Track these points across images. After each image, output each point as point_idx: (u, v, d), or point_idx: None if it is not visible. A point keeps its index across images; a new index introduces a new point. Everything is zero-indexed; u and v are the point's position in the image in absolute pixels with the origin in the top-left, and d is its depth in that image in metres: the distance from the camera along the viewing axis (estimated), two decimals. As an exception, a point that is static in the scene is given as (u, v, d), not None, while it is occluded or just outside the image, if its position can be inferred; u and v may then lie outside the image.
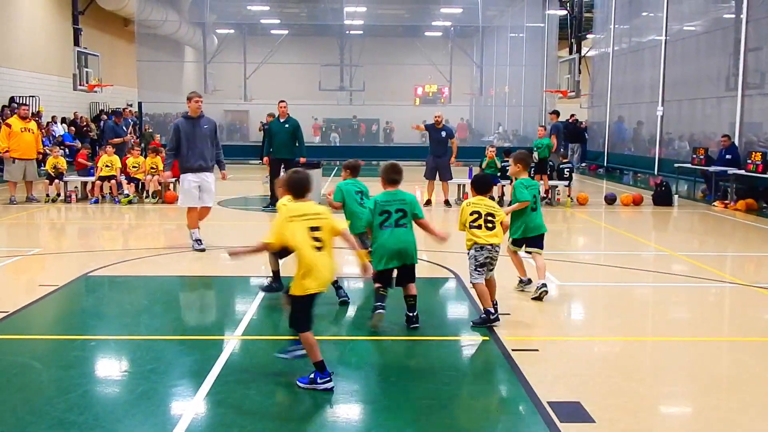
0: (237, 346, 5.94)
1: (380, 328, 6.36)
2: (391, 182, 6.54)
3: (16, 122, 14.99)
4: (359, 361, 5.72)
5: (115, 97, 32.09)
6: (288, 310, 5.20)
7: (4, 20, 25.96)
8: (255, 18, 42.61)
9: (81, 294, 7.93)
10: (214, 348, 5.93)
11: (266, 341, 6.14)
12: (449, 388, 5.10)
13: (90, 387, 5.21)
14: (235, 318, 6.77)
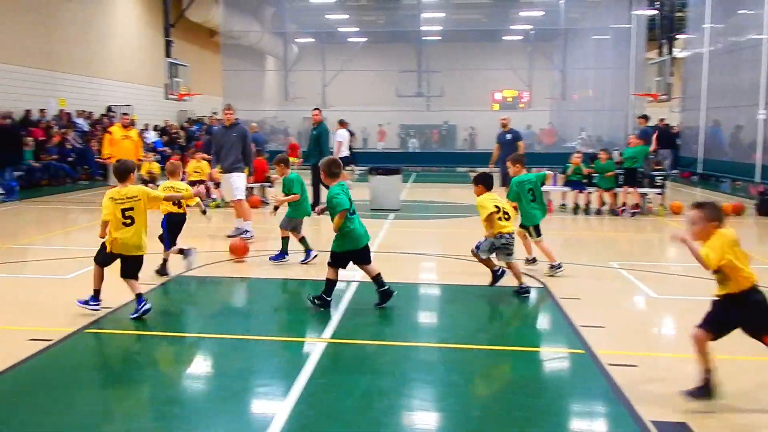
0: (326, 348, 6.04)
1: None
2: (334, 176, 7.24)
3: (118, 130, 15.74)
4: (446, 370, 5.74)
5: (202, 105, 33.11)
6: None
7: (101, 35, 27.21)
8: (333, 26, 43.19)
9: (175, 293, 8.25)
10: (303, 350, 6.08)
11: (354, 345, 6.23)
12: (543, 402, 4.99)
13: (188, 383, 5.45)
14: (323, 321, 6.90)
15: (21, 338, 6.08)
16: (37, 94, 22.81)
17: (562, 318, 7.06)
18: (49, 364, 5.67)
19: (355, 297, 7.80)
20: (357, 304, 7.52)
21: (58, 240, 12.12)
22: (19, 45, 21.99)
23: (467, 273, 9.14)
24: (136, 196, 6.74)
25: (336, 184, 7.18)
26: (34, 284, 8.38)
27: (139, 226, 6.73)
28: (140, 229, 6.75)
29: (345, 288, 8.11)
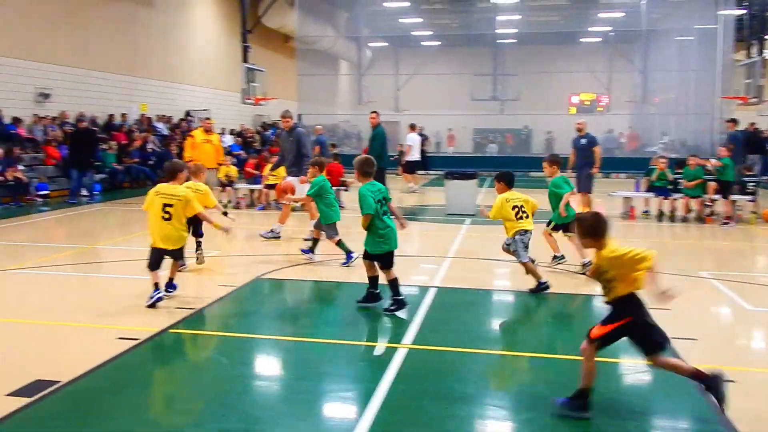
0: (408, 354, 5.96)
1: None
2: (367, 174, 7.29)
3: (199, 134, 16.06)
4: (530, 379, 5.58)
5: (278, 109, 33.57)
6: None
7: (182, 42, 27.97)
8: (407, 30, 43.20)
9: (257, 295, 8.31)
10: (384, 355, 6.00)
11: (435, 351, 6.12)
12: (633, 417, 4.80)
13: (271, 385, 5.45)
14: (403, 326, 6.82)
15: (110, 337, 6.21)
16: (120, 99, 23.58)
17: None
18: (136, 363, 5.77)
19: (434, 303, 7.69)
20: (436, 311, 7.41)
21: (140, 241, 12.35)
22: (105, 52, 22.79)
23: (548, 280, 8.91)
24: (178, 196, 7.20)
25: (367, 183, 7.22)
26: (118, 284, 8.58)
27: (175, 222, 7.16)
28: (176, 225, 7.17)
29: (424, 293, 8.02)
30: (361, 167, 7.33)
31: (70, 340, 6.28)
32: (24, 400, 4.76)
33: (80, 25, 21.51)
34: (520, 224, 7.97)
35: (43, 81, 19.94)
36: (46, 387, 4.98)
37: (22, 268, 9.25)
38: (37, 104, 19.83)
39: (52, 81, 20.26)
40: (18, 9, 19.04)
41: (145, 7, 25.37)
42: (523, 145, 40.39)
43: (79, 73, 21.50)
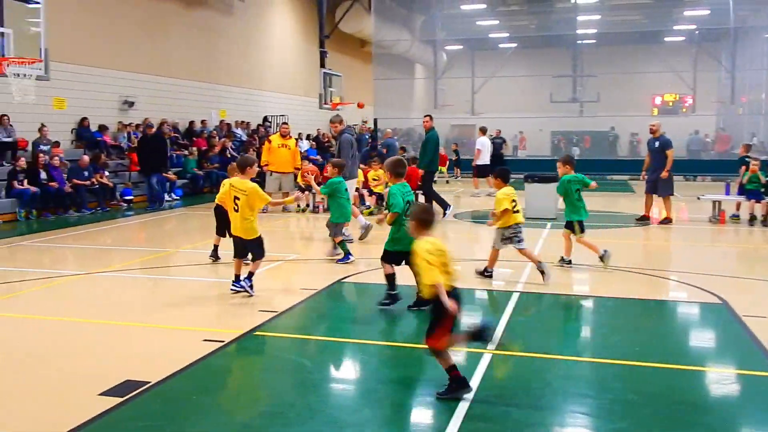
0: (492, 359, 5.83)
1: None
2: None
3: (276, 139, 16.30)
4: (621, 388, 5.36)
5: (354, 114, 33.82)
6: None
7: (261, 49, 28.53)
8: (484, 33, 42.82)
9: (338, 298, 8.33)
10: (468, 360, 5.88)
11: (520, 357, 5.96)
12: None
13: (355, 389, 5.41)
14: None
15: (196, 338, 6.30)
16: (200, 106, 24.20)
17: (747, 337, 6.46)
18: (222, 365, 5.84)
19: (517, 308, 7.53)
20: (520, 316, 7.26)
21: (222, 245, 12.55)
22: (186, 60, 23.43)
23: (632, 285, 8.64)
24: (245, 190, 7.69)
25: (398, 184, 7.53)
26: (201, 286, 8.73)
27: (242, 214, 7.68)
28: (243, 216, 7.67)
29: (506, 298, 7.86)
30: (394, 168, 7.67)
31: (157, 341, 6.41)
32: (115, 400, 4.86)
33: (161, 34, 22.18)
34: (514, 218, 8.66)
35: (127, 89, 20.65)
36: (137, 387, 5.08)
37: (108, 270, 9.54)
38: (122, 112, 20.54)
39: (136, 89, 20.95)
40: (102, 20, 19.73)
41: (224, 15, 25.98)
42: (607, 147, 39.31)
43: (161, 81, 22.16)
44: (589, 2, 35.32)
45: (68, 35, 17.67)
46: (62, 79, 17.28)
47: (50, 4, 11.70)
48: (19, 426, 4.55)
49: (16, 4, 10.91)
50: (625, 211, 16.08)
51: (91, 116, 19.08)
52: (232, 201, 7.74)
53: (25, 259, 10.54)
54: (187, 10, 23.73)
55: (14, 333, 6.65)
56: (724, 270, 9.80)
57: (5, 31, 10.66)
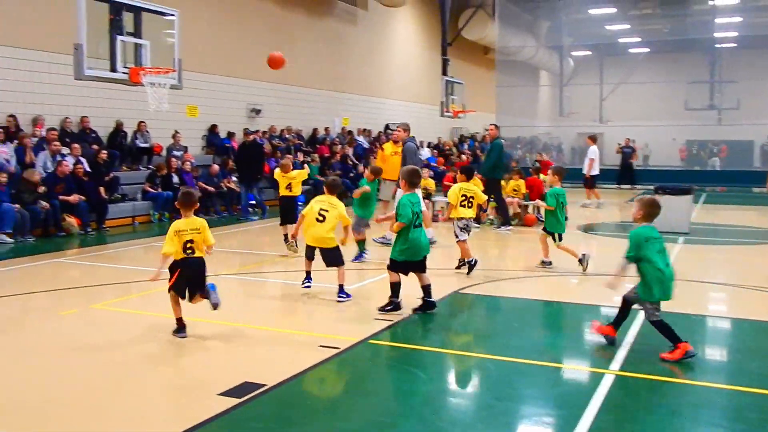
0: (614, 381, 5.54)
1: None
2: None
3: (389, 147, 16.26)
4: (758, 419, 4.93)
5: (475, 122, 33.59)
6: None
7: (383, 57, 28.88)
8: (613, 38, 41.44)
9: (455, 309, 8.20)
10: (588, 380, 5.65)
11: (645, 380, 5.63)
12: None
13: (470, 403, 5.28)
14: (609, 350, 6.36)
15: (313, 344, 6.36)
16: (323, 114, 24.73)
17: None
18: (337, 371, 5.86)
19: (644, 328, 7.11)
20: (647, 336, 6.84)
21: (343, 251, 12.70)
22: (311, 69, 24.01)
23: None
24: (334, 206, 8.21)
25: (408, 194, 7.54)
26: (320, 292, 8.80)
27: (326, 225, 8.13)
28: (327, 227, 8.12)
29: (632, 317, 7.45)
30: (410, 177, 7.72)
31: (275, 344, 6.53)
32: (233, 400, 4.96)
33: (288, 44, 22.80)
34: (461, 212, 9.64)
35: (254, 97, 21.41)
36: (254, 389, 5.16)
37: (231, 273, 9.83)
38: (249, 119, 21.30)
39: (262, 97, 21.67)
40: (232, 32, 20.56)
41: (348, 24, 26.46)
42: (749, 157, 36.76)
43: (287, 90, 22.80)
44: (729, 4, 33.38)
45: (200, 46, 18.51)
46: (194, 87, 18.10)
47: (184, 16, 12.25)
48: (142, 420, 4.72)
49: (152, 17, 11.51)
50: (763, 226, 15.02)
51: (221, 123, 19.92)
52: (317, 213, 8.24)
53: (157, 260, 11.01)
54: (313, 20, 24.36)
55: (143, 331, 6.95)
56: None
57: (143, 43, 11.26)
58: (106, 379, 5.55)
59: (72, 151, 14.79)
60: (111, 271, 10.07)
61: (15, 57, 14.77)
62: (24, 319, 7.65)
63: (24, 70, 14.95)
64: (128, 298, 8.41)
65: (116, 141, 16.89)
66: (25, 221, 12.82)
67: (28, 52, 15.00)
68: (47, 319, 7.53)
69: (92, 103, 16.27)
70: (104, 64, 11.15)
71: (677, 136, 37.24)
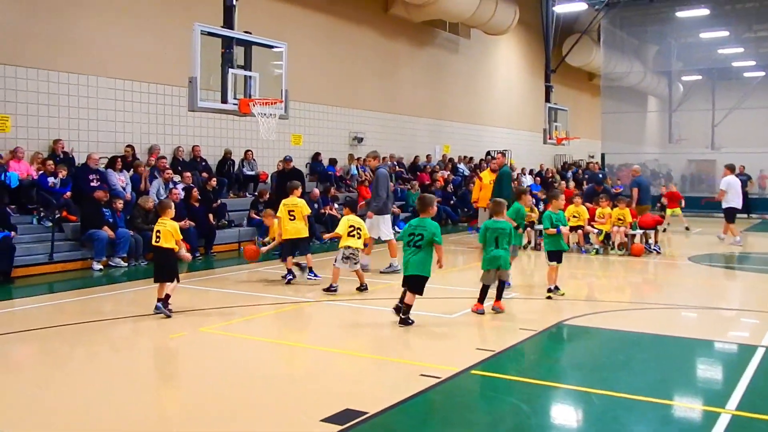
0: (731, 421, 5.25)
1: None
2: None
3: (487, 175, 16.15)
4: None
5: (579, 149, 32.95)
6: None
7: (485, 84, 28.86)
8: (726, 62, 39.93)
9: (559, 341, 8.02)
10: (702, 420, 5.39)
11: (763, 421, 5.31)
12: None
13: (575, 440, 5.08)
14: (726, 386, 6.05)
15: (413, 372, 6.32)
16: (425, 141, 24.88)
17: None
18: (438, 401, 5.79)
19: (763, 364, 6.71)
20: (765, 374, 6.45)
21: (441, 280, 12.56)
22: (413, 98, 24.29)
23: None
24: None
25: (416, 219, 8.36)
26: (421, 321, 8.73)
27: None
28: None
29: (749, 353, 7.06)
30: (419, 204, 8.53)
31: (377, 372, 6.55)
32: (335, 427, 4.98)
33: (390, 73, 23.21)
34: (348, 241, 10.17)
35: (356, 126, 21.81)
36: (356, 417, 5.17)
37: (332, 300, 9.90)
38: (351, 147, 21.68)
39: (365, 125, 22.04)
40: (336, 62, 21.13)
41: (451, 53, 26.60)
42: None
43: (389, 117, 23.14)
44: None
45: (305, 76, 19.05)
46: (299, 117, 18.64)
47: (290, 48, 12.66)
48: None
49: (261, 49, 11.94)
50: None
51: (324, 151, 20.37)
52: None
53: (260, 285, 11.32)
54: (416, 49, 24.65)
55: (247, 355, 7.12)
56: None
57: (253, 75, 11.70)
58: (213, 399, 5.69)
59: (183, 179, 15.46)
60: (218, 295, 10.41)
61: (133, 90, 15.68)
62: (136, 340, 7.97)
63: (141, 102, 15.84)
64: (233, 322, 8.63)
65: (224, 169, 17.56)
66: (139, 246, 13.46)
67: (145, 85, 15.90)
68: (158, 340, 7.85)
69: (203, 132, 17.06)
70: (216, 95, 11.68)
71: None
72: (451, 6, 22.80)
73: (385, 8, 22.93)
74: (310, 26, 20.10)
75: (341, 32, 21.35)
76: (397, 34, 23.56)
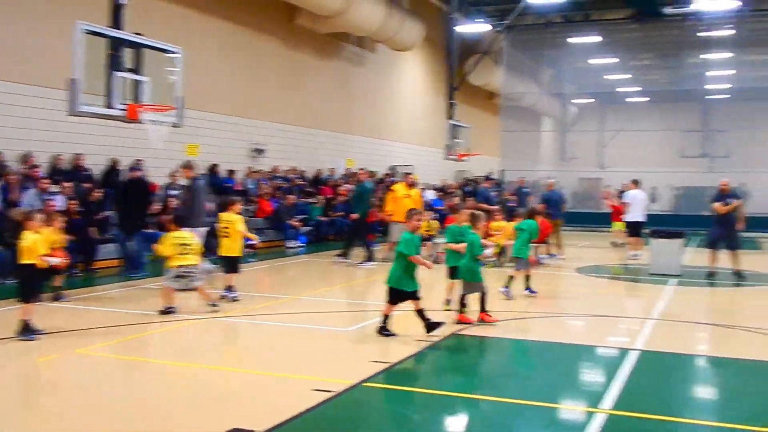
0: (607, 420, 5.53)
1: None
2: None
3: (401, 189, 16.30)
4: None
5: (479, 166, 33.69)
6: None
7: (390, 99, 29.12)
8: (613, 86, 42.07)
9: (453, 352, 8.12)
10: (579, 420, 5.67)
11: (638, 419, 5.62)
12: None
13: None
14: (603, 390, 6.32)
15: (305, 388, 6.20)
16: (328, 155, 24.74)
17: None
18: (331, 416, 5.71)
19: (637, 367, 7.18)
20: (639, 375, 6.92)
21: (341, 293, 12.53)
22: (317, 110, 24.14)
23: (760, 347, 8.32)
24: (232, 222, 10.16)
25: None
26: (316, 335, 8.65)
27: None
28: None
29: (624, 356, 7.40)
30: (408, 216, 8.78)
31: (266, 389, 6.37)
32: (222, 445, 4.78)
33: (295, 84, 22.94)
34: (180, 259, 9.40)
35: (257, 137, 21.29)
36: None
37: (227, 316, 9.54)
38: (252, 159, 21.15)
39: (267, 137, 21.60)
40: (236, 71, 20.48)
41: (357, 66, 26.67)
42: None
43: (291, 130, 22.83)
44: (721, 58, 33.88)
45: (205, 84, 18.49)
46: (196, 126, 18.01)
47: (187, 54, 12.12)
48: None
49: (155, 54, 11.29)
50: (751, 269, 14.90)
51: (222, 162, 19.68)
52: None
53: (145, 302, 10.57)
54: (322, 61, 24.52)
55: (130, 378, 6.81)
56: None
57: (143, 79, 11.07)
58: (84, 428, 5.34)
59: (63, 190, 13.83)
60: (98, 315, 9.66)
61: (3, 91, 14.20)
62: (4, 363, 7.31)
63: (14, 105, 14.52)
64: (113, 343, 8.03)
65: (111, 179, 16.42)
66: (7, 262, 11.54)
67: (18, 86, 14.51)
68: (25, 364, 7.29)
69: (86, 140, 15.74)
70: (101, 100, 10.92)
71: (672, 183, 37.52)
72: (357, 19, 22.85)
73: (290, 18, 22.67)
74: (210, 33, 19.54)
75: (243, 40, 20.90)
76: (303, 45, 23.36)
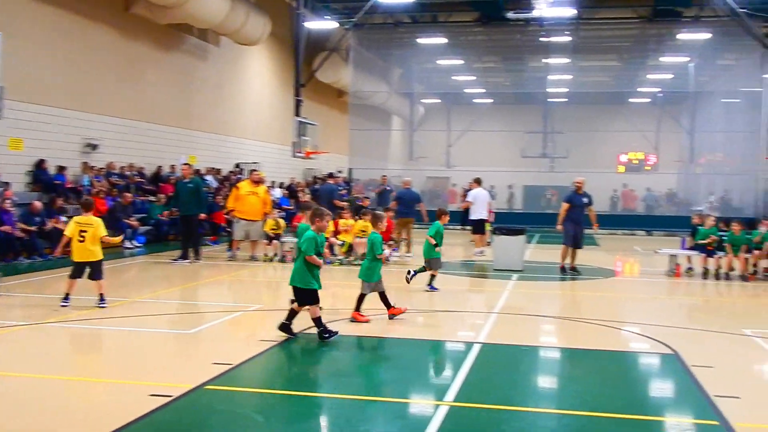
0: (449, 412, 5.77)
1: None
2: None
3: (245, 186, 16.15)
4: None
5: (328, 163, 33.94)
6: None
7: (235, 95, 28.57)
8: (460, 88, 43.61)
9: (297, 351, 8.10)
10: (424, 413, 5.83)
11: (479, 410, 5.92)
12: None
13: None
14: (445, 382, 6.64)
15: (142, 393, 6.03)
16: (170, 151, 23.85)
17: (694, 387, 6.65)
18: (168, 421, 5.57)
19: (478, 360, 7.52)
20: (481, 367, 7.24)
21: (182, 295, 12.18)
22: (157, 104, 23.18)
23: (591, 336, 8.92)
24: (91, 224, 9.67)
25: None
26: (156, 339, 8.46)
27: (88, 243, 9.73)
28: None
29: (468, 350, 7.84)
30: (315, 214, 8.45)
31: (100, 396, 6.13)
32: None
33: (132, 76, 21.86)
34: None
35: (91, 132, 19.95)
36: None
37: (56, 321, 9.05)
38: (84, 155, 19.89)
39: (101, 132, 20.39)
40: (67, 60, 19.20)
41: (199, 60, 25.99)
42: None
43: (129, 124, 21.66)
44: (560, 63, 36.19)
45: (30, 73, 17.32)
46: (20, 119, 16.87)
47: (7, 39, 11.26)
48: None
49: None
50: (587, 264, 16.14)
51: (51, 158, 18.40)
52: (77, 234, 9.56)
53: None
54: (162, 53, 23.63)
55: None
56: (677, 321, 10.28)
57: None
58: None
59: None
60: None
61: None
62: None
63: None
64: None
65: None
66: None
67: None
68: None
69: None
70: None
71: (515, 182, 39.52)
72: (198, 10, 22.13)
73: (125, 6, 21.56)
74: (35, 17, 18.07)
75: (73, 28, 19.47)
76: (140, 36, 22.31)
